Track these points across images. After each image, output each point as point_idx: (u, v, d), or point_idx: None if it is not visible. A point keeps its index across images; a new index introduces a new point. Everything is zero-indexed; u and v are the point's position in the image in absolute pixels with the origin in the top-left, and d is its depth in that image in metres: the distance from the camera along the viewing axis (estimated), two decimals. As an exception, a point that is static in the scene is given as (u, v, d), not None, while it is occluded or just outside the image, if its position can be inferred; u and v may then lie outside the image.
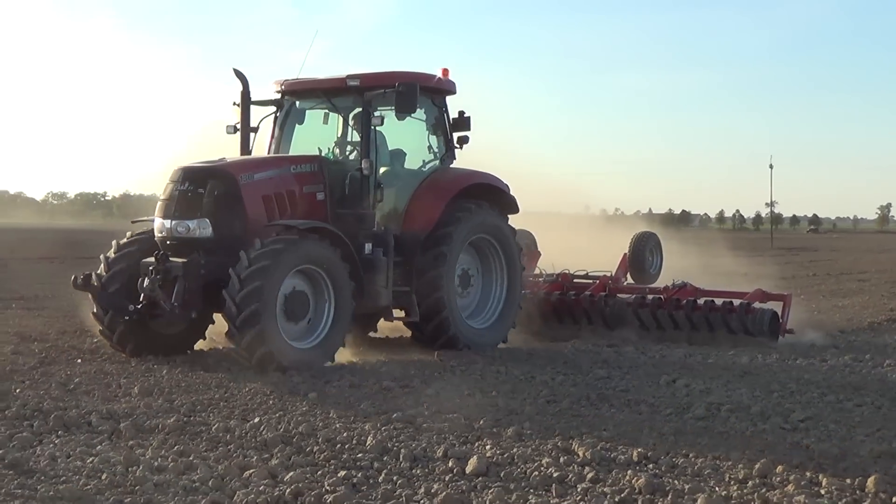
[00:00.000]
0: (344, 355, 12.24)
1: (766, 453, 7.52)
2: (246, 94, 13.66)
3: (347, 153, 13.82)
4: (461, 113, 14.32)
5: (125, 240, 12.40)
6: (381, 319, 13.78)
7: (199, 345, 12.74)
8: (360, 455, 7.46)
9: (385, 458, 7.40)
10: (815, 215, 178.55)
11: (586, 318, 15.52)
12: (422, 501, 6.37)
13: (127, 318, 11.72)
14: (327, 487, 6.58)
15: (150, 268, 11.58)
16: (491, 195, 14.22)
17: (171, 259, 11.58)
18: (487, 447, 7.67)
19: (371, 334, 14.26)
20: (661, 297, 15.25)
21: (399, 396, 9.74)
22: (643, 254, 17.14)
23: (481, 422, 8.57)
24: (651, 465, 7.21)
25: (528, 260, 16.40)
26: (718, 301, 14.97)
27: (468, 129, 14.35)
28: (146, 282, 11.55)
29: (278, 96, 14.08)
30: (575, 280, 16.30)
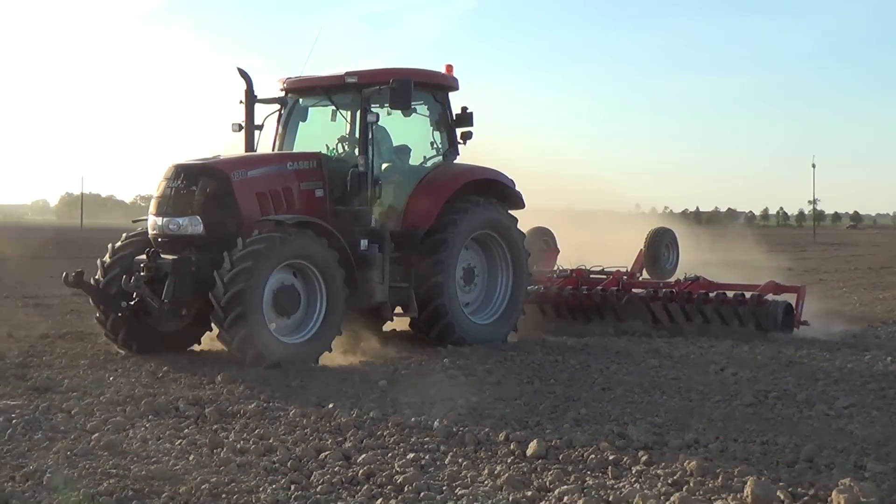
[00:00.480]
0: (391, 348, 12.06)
1: (812, 438, 7.39)
2: (250, 92, 13.04)
3: (350, 150, 12.95)
4: (464, 109, 13.50)
5: (120, 242, 11.78)
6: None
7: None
8: (427, 439, 7.44)
9: (451, 442, 7.38)
10: (855, 212, 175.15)
11: (598, 314, 14.76)
12: (486, 482, 6.32)
13: (119, 314, 11.22)
14: (397, 468, 6.57)
15: (140, 265, 11.08)
16: (496, 191, 13.44)
17: (161, 256, 11.04)
18: (547, 431, 7.61)
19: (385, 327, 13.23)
20: (673, 290, 14.57)
21: (463, 384, 9.68)
22: (659, 249, 16.50)
23: (540, 407, 8.52)
24: (702, 449, 7.11)
25: (546, 257, 16.10)
26: (731, 295, 14.18)
27: (471, 124, 13.47)
28: (133, 279, 11.01)
29: (282, 94, 13.40)
30: (591, 276, 15.62)
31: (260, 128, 13.21)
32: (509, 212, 13.54)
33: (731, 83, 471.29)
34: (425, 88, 13.03)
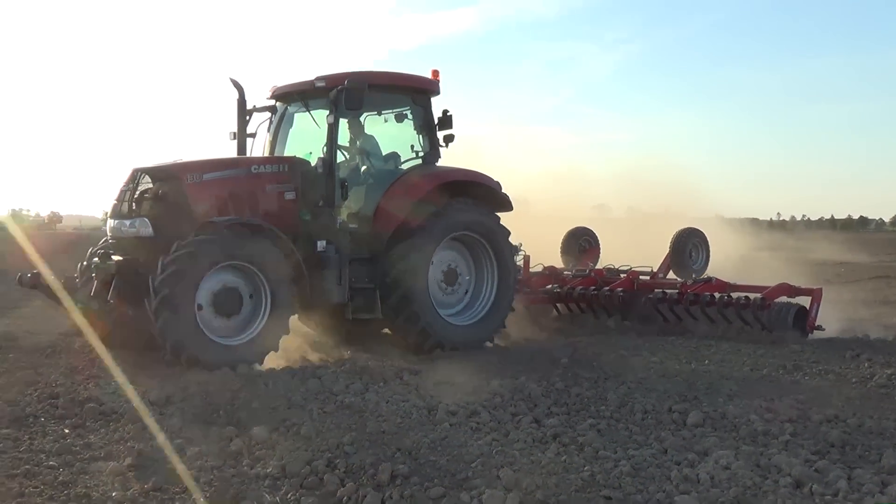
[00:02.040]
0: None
1: (943, 417, 6.93)
2: (242, 101, 11.31)
3: (334, 153, 10.77)
4: (444, 112, 11.39)
5: (94, 248, 10.20)
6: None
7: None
8: (602, 407, 7.39)
9: (622, 411, 7.30)
10: None
11: (606, 313, 12.94)
12: (653, 445, 6.26)
13: (85, 315, 9.55)
14: (579, 432, 6.55)
15: (92, 266, 9.75)
16: (481, 193, 11.27)
17: (111, 258, 9.64)
18: (704, 404, 7.43)
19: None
20: (680, 291, 12.49)
21: (632, 363, 9.52)
22: (685, 250, 14.10)
23: (698, 384, 8.31)
24: (841, 424, 6.79)
25: (586, 256, 14.77)
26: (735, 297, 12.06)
27: (451, 126, 11.35)
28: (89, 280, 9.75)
29: (272, 102, 11.68)
30: (609, 276, 13.58)
31: (253, 135, 11.50)
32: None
33: (871, 106, 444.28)
34: (405, 92, 11.31)
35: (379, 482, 5.44)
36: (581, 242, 15.16)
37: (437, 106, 11.39)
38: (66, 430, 6.63)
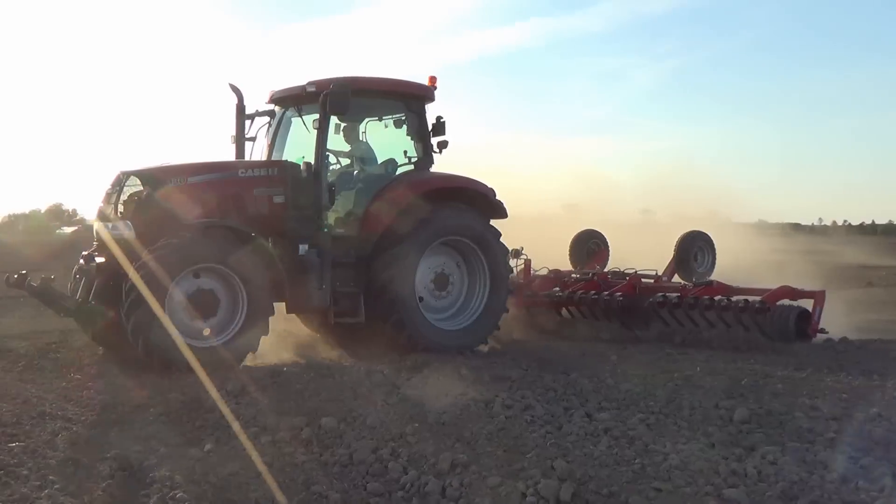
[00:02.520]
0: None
1: None
2: (240, 106, 10.84)
3: (322, 158, 10.27)
4: (438, 118, 10.85)
5: (87, 251, 9.77)
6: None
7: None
8: (651, 403, 7.24)
9: (670, 406, 7.15)
10: None
11: (606, 317, 11.98)
12: (701, 440, 6.15)
13: (63, 315, 9.41)
14: (629, 426, 6.45)
15: (75, 268, 9.52)
16: (473, 199, 10.67)
17: (94, 259, 9.28)
18: (750, 401, 7.27)
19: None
20: (678, 295, 11.55)
21: (679, 361, 9.40)
22: (689, 253, 13.21)
23: (743, 382, 8.14)
24: (885, 422, 6.53)
25: (595, 258, 14.01)
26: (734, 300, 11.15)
27: (444, 133, 10.78)
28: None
29: (271, 106, 11.16)
30: (616, 279, 12.65)
31: (253, 139, 11.01)
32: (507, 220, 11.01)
33: None
34: (399, 98, 10.79)
35: (439, 470, 5.47)
36: (590, 245, 14.37)
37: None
38: (150, 419, 6.77)
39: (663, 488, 5.13)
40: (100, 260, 9.19)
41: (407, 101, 10.79)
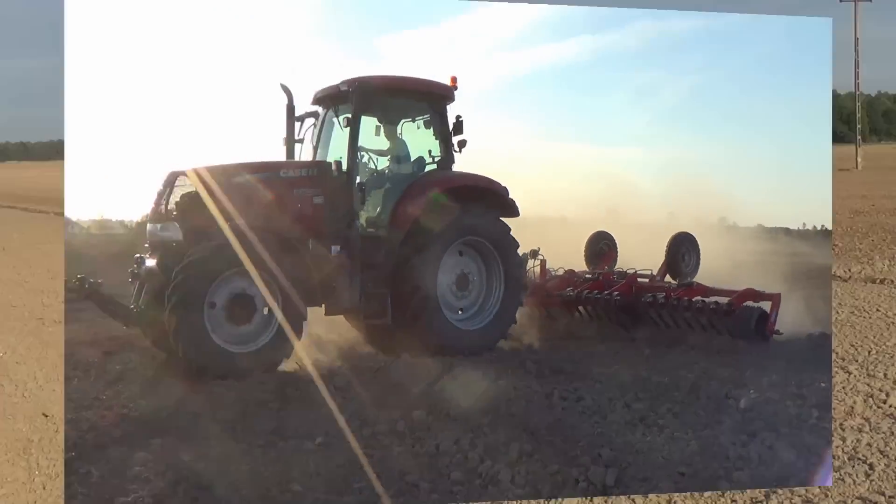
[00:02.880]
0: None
1: None
2: (290, 107, 10.41)
3: (360, 158, 10.31)
4: (458, 117, 10.69)
5: (139, 254, 9.53)
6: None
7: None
8: (676, 393, 7.70)
9: (691, 397, 7.59)
10: None
11: (606, 316, 12.07)
12: (714, 427, 6.59)
13: (123, 324, 9.33)
14: (658, 413, 6.98)
15: (129, 271, 9.27)
16: (489, 198, 10.49)
17: (145, 263, 9.12)
18: (751, 391, 7.64)
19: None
20: (654, 295, 11.54)
21: (697, 355, 9.76)
22: (677, 254, 13.02)
23: (747, 373, 8.54)
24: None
25: (604, 259, 13.89)
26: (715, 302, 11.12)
27: (462, 132, 10.63)
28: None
29: (317, 108, 10.90)
30: (620, 279, 12.60)
31: (301, 141, 10.72)
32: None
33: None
34: (423, 98, 10.57)
35: (510, 460, 5.87)
36: (601, 246, 14.25)
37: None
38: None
39: (686, 472, 5.66)
40: (150, 263, 9.01)
41: (431, 100, 10.60)
